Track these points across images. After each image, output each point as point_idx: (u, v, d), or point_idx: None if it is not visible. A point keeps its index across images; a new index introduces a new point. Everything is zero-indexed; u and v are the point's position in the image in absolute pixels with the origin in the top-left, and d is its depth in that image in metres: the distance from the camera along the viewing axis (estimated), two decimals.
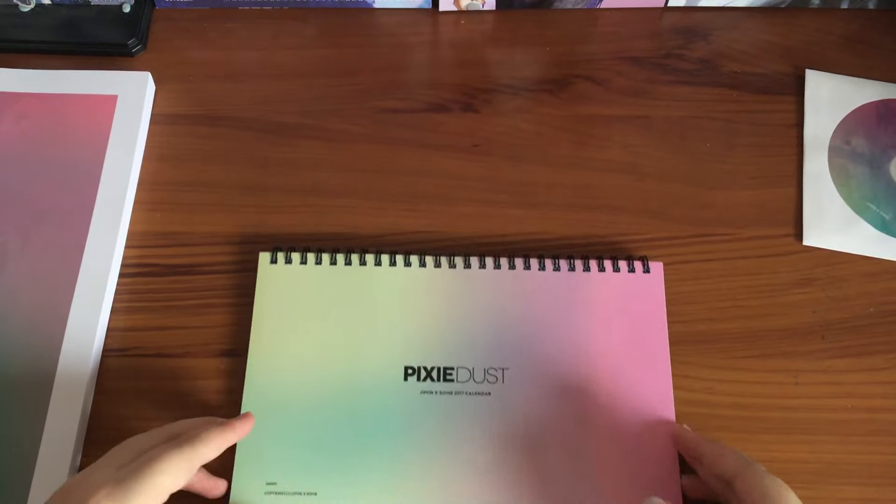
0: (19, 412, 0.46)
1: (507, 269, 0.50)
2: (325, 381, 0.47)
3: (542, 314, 0.49)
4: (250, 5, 0.61)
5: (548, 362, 0.47)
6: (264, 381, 0.47)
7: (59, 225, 0.51)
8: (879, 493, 0.46)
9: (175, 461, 0.38)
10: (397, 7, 0.61)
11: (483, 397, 0.47)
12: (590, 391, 0.47)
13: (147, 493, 0.36)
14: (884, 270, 0.52)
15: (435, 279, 0.49)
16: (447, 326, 0.48)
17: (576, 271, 0.50)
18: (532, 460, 0.45)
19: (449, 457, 0.45)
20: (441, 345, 0.48)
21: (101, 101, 0.55)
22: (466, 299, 0.49)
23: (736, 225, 0.53)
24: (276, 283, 0.49)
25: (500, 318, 0.48)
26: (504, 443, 0.45)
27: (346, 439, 0.45)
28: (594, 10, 0.61)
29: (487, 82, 0.58)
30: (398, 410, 0.46)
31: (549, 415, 0.46)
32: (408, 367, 0.47)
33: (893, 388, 0.48)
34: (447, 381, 0.47)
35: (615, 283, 0.49)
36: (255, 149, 0.55)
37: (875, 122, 0.56)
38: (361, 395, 0.46)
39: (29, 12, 0.59)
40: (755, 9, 0.61)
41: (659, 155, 0.55)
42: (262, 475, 0.45)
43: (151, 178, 0.54)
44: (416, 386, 0.47)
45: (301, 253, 0.50)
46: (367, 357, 0.47)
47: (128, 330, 0.49)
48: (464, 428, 0.46)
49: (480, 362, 0.47)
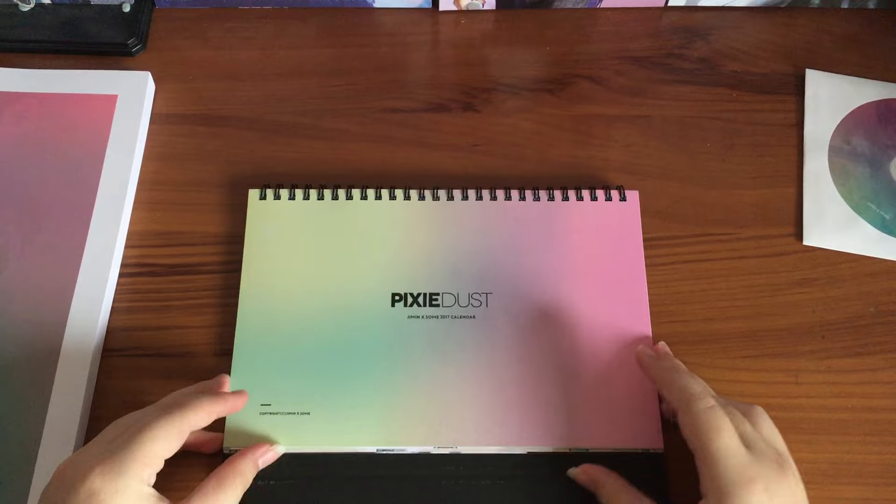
0: (19, 412, 0.46)
1: (488, 201, 0.51)
2: (315, 308, 0.48)
3: (524, 242, 0.50)
4: (250, 5, 0.61)
5: (530, 286, 0.49)
6: (256, 310, 0.48)
7: (59, 225, 0.51)
8: (879, 493, 0.46)
9: (165, 427, 0.38)
10: (397, 7, 0.61)
11: (468, 320, 0.48)
12: (570, 312, 0.48)
13: (140, 461, 0.37)
14: (884, 270, 0.52)
15: (419, 211, 0.51)
16: (432, 255, 0.50)
17: (555, 201, 0.52)
18: (516, 377, 0.47)
19: (436, 375, 0.47)
20: (426, 272, 0.49)
21: (100, 100, 0.55)
22: (450, 229, 0.51)
23: (736, 225, 0.53)
24: (266, 218, 0.51)
25: (483, 246, 0.50)
26: (489, 361, 0.47)
27: (337, 362, 0.47)
28: (594, 10, 0.61)
29: (487, 82, 0.58)
30: (386, 334, 0.48)
31: (532, 335, 0.48)
32: (395, 294, 0.49)
33: (893, 388, 0.48)
34: (433, 305, 0.48)
35: (593, 211, 0.51)
36: (254, 149, 0.55)
37: (875, 122, 0.56)
38: (351, 320, 0.48)
39: (29, 12, 0.59)
40: (755, 9, 0.61)
41: (659, 155, 0.55)
42: (256, 397, 0.46)
43: (151, 178, 0.54)
44: (403, 311, 0.48)
45: (289, 189, 0.51)
46: (355, 285, 0.49)
47: (128, 330, 0.49)
48: (450, 349, 0.47)
49: (465, 288, 0.49)
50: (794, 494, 0.38)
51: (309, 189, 0.52)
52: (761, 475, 0.38)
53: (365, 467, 0.45)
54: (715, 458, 0.38)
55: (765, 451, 0.39)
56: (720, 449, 0.38)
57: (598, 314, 0.48)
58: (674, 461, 0.45)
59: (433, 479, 0.45)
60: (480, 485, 0.45)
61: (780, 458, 0.39)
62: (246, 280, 0.49)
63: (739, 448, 0.39)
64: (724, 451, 0.38)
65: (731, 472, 0.38)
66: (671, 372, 0.44)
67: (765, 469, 0.38)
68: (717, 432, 0.39)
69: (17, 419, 0.46)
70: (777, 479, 0.38)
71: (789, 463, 0.40)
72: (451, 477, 0.45)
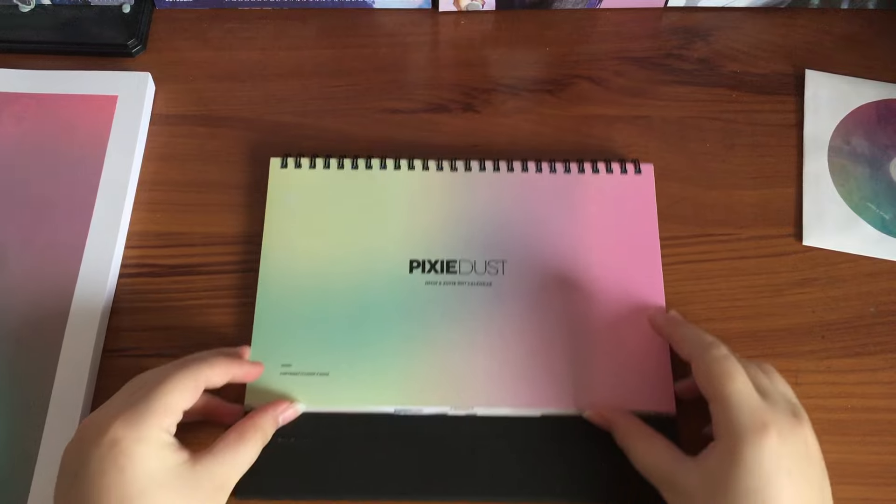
0: (19, 413, 0.46)
1: (505, 172, 0.52)
2: (334, 272, 0.49)
3: (539, 211, 0.51)
4: (250, 5, 0.61)
5: (544, 255, 0.50)
6: (277, 274, 0.49)
7: (59, 225, 0.51)
8: (879, 493, 0.46)
9: (182, 380, 0.40)
10: (397, 7, 0.61)
11: (484, 287, 0.49)
12: (584, 279, 0.49)
13: (159, 412, 0.38)
14: (884, 270, 0.52)
15: (437, 181, 0.52)
16: (449, 224, 0.51)
17: (571, 173, 0.52)
18: (531, 341, 0.48)
19: (453, 339, 0.48)
20: (444, 240, 0.50)
21: (100, 101, 0.55)
22: (467, 199, 0.52)
23: (736, 225, 0.53)
24: (287, 185, 0.52)
25: (499, 216, 0.51)
26: (504, 327, 0.48)
27: (356, 325, 0.48)
28: (594, 10, 0.61)
29: (487, 82, 0.58)
30: (404, 299, 0.49)
31: (547, 301, 0.49)
32: (413, 261, 0.50)
33: (893, 388, 0.48)
34: (450, 272, 0.49)
35: (608, 183, 0.52)
36: (255, 149, 0.55)
37: (875, 123, 0.56)
38: (369, 285, 0.49)
39: (29, 13, 0.59)
40: (755, 9, 0.61)
41: (659, 155, 0.55)
42: (277, 358, 0.47)
43: (151, 178, 0.54)
44: (420, 277, 0.49)
45: (310, 158, 0.53)
46: (374, 251, 0.50)
47: (128, 330, 0.49)
48: (466, 315, 0.48)
49: (481, 255, 0.50)
50: (807, 444, 0.39)
51: (329, 158, 0.52)
52: (775, 422, 0.38)
53: (382, 427, 0.46)
54: (729, 401, 0.39)
55: (778, 401, 0.40)
56: (734, 393, 0.39)
57: (612, 282, 0.49)
58: (686, 426, 0.46)
59: (449, 439, 0.46)
60: (496, 446, 0.45)
61: (794, 408, 0.40)
62: (267, 245, 0.50)
63: (753, 394, 0.39)
64: (738, 396, 0.39)
65: (744, 416, 0.38)
66: (684, 326, 0.45)
67: (779, 416, 0.39)
68: (730, 377, 0.40)
69: (17, 419, 0.46)
70: (791, 427, 0.39)
71: (803, 414, 0.40)
72: (467, 438, 0.46)
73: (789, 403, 0.40)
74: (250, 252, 0.51)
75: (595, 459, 0.45)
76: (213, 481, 0.39)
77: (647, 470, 0.42)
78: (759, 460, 0.37)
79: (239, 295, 0.50)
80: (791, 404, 0.40)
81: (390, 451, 0.45)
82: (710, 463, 0.39)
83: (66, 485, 0.38)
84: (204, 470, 0.38)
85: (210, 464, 0.39)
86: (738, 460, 0.38)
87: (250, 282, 0.50)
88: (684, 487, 0.39)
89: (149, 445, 0.37)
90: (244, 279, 0.50)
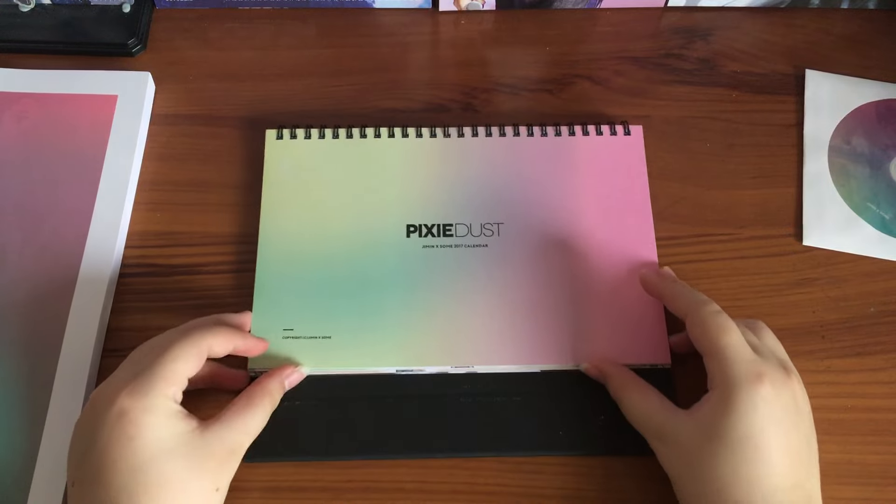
0: (20, 413, 0.46)
1: (497, 137, 0.53)
2: (333, 239, 0.50)
3: (533, 174, 0.52)
4: (250, 5, 0.61)
5: (540, 216, 0.51)
6: (276, 241, 0.50)
7: (59, 225, 0.51)
8: (879, 493, 0.46)
9: (185, 348, 0.40)
10: (397, 7, 0.61)
11: (481, 249, 0.50)
12: (579, 238, 0.50)
13: (164, 379, 0.39)
14: (884, 270, 0.52)
15: (432, 147, 0.53)
16: (445, 188, 0.52)
17: (562, 136, 0.53)
18: (528, 300, 0.48)
19: (451, 300, 0.48)
20: (440, 205, 0.51)
21: (101, 101, 0.55)
22: (462, 164, 0.52)
23: (736, 225, 0.53)
24: (283, 156, 0.53)
25: (494, 179, 0.52)
26: (502, 286, 0.49)
27: (356, 290, 0.49)
28: (594, 10, 0.61)
29: (487, 82, 0.58)
30: (403, 263, 0.49)
31: (543, 261, 0.50)
32: (410, 226, 0.50)
33: (893, 388, 0.48)
34: (447, 236, 0.50)
35: (598, 144, 0.53)
36: (255, 149, 0.55)
37: (875, 122, 0.56)
38: (368, 250, 0.50)
39: (29, 12, 0.59)
40: (755, 9, 0.61)
41: (659, 155, 0.55)
42: (279, 322, 0.48)
43: (151, 178, 0.54)
44: (418, 241, 0.50)
45: (305, 129, 0.53)
46: (371, 217, 0.51)
47: (128, 330, 0.49)
48: (464, 276, 0.49)
49: (477, 218, 0.51)
50: (796, 397, 0.40)
51: (324, 129, 0.53)
52: (767, 374, 0.39)
53: (385, 387, 0.47)
54: (724, 353, 0.40)
55: (769, 356, 0.41)
56: (729, 346, 0.40)
57: (605, 240, 0.50)
58: (681, 378, 0.47)
59: (450, 397, 0.47)
60: (496, 402, 0.47)
61: (784, 363, 0.42)
62: (265, 213, 0.51)
63: (747, 347, 0.41)
64: (733, 348, 0.40)
65: (739, 367, 0.40)
66: (676, 285, 0.46)
67: (771, 369, 0.40)
68: (725, 331, 0.41)
69: (18, 419, 0.46)
70: (783, 380, 0.40)
71: (793, 368, 0.42)
72: (467, 395, 0.47)
73: (779, 358, 0.42)
74: (250, 252, 0.51)
75: (592, 412, 0.46)
76: (224, 447, 0.39)
77: (638, 421, 0.43)
78: (752, 409, 0.38)
79: (239, 295, 0.50)
80: (781, 359, 0.42)
81: (393, 409, 0.46)
82: (703, 413, 0.40)
83: (77, 459, 0.38)
84: (213, 436, 0.39)
85: (220, 430, 0.39)
86: (731, 409, 0.39)
87: (250, 281, 0.49)
88: (675, 437, 0.41)
89: (156, 414, 0.38)
90: (244, 279, 0.50)
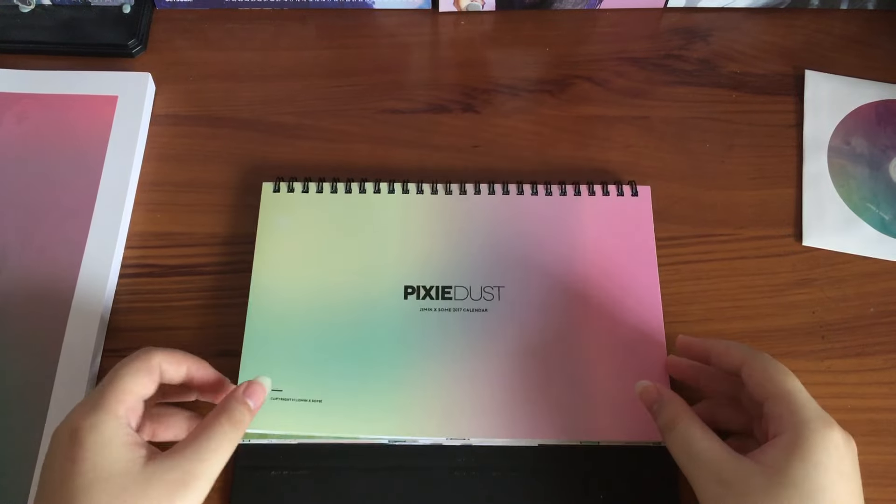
0: (19, 413, 0.46)
1: (500, 195, 0.52)
2: (327, 298, 0.48)
3: (536, 235, 0.50)
4: (250, 6, 0.61)
5: (542, 280, 0.49)
6: (268, 298, 0.48)
7: (59, 225, 0.51)
8: (879, 493, 0.46)
9: (133, 364, 0.39)
10: (397, 7, 0.61)
11: (480, 313, 0.48)
12: (582, 304, 0.48)
13: (114, 397, 0.37)
14: (884, 270, 0.52)
15: (432, 205, 0.51)
16: (444, 248, 0.50)
17: (567, 196, 0.52)
18: (528, 370, 0.47)
19: (448, 367, 0.47)
20: (439, 265, 0.50)
21: (101, 101, 0.55)
22: (462, 223, 0.51)
23: (736, 225, 0.53)
24: (279, 209, 0.51)
25: (495, 239, 0.50)
26: (501, 354, 0.47)
27: (350, 351, 0.47)
28: (594, 11, 0.61)
29: (487, 83, 0.58)
30: (399, 326, 0.48)
31: (544, 328, 0.48)
32: (407, 287, 0.49)
33: (893, 388, 0.48)
34: (445, 298, 0.48)
35: (605, 205, 0.52)
36: (255, 149, 0.55)
37: (874, 123, 0.56)
38: (363, 311, 0.48)
39: (29, 13, 0.59)
40: (755, 9, 0.61)
41: (659, 155, 0.55)
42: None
43: (151, 179, 0.54)
44: (415, 304, 0.48)
45: (303, 182, 0.52)
46: (367, 277, 0.49)
47: (128, 330, 0.49)
48: (462, 341, 0.47)
49: (477, 281, 0.49)
50: (855, 452, 0.39)
51: (322, 182, 0.52)
52: (835, 421, 0.38)
53: (377, 458, 0.45)
54: (793, 397, 0.39)
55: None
56: (797, 389, 0.39)
57: (609, 308, 0.48)
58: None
59: (445, 470, 0.45)
60: (492, 477, 0.45)
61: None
62: (258, 269, 0.49)
63: (809, 394, 0.39)
64: (802, 392, 0.39)
65: (810, 411, 0.38)
66: (720, 340, 0.44)
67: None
68: (790, 375, 0.40)
69: (18, 419, 0.46)
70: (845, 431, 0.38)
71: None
72: (462, 469, 0.45)
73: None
74: (250, 252, 0.51)
75: (593, 488, 0.45)
76: (172, 477, 0.36)
77: (696, 457, 0.39)
78: (826, 455, 0.36)
79: (239, 294, 0.50)
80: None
81: (385, 483, 0.45)
82: (772, 457, 0.37)
83: (40, 478, 0.37)
84: (160, 466, 0.36)
85: (169, 459, 0.36)
86: (807, 452, 0.36)
87: (249, 282, 0.49)
88: (740, 480, 0.37)
89: (102, 434, 0.36)
90: (244, 279, 0.50)
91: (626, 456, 0.45)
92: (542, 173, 0.54)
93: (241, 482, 0.45)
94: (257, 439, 0.45)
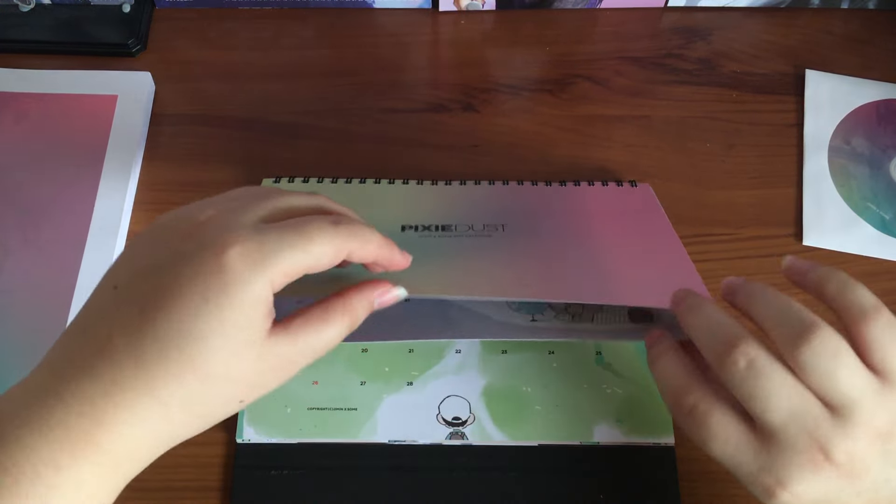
0: None
1: (500, 185, 0.51)
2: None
3: (542, 213, 0.49)
4: (250, 5, 0.61)
5: (549, 220, 0.48)
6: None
7: (59, 225, 0.51)
8: None
9: (330, 235, 0.33)
10: (397, 7, 0.61)
11: (484, 238, 0.46)
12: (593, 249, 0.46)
13: (289, 262, 0.32)
14: (884, 270, 0.52)
15: (432, 194, 0.51)
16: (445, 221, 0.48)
17: (566, 186, 0.52)
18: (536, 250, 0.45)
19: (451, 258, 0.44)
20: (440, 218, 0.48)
21: (101, 101, 0.55)
22: (464, 210, 0.49)
23: (736, 225, 0.53)
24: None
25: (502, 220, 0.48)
26: (507, 267, 0.44)
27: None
28: (594, 10, 0.61)
29: (487, 82, 0.58)
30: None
31: (553, 247, 0.46)
32: (405, 225, 0.47)
33: None
34: (445, 231, 0.46)
35: (608, 193, 0.51)
36: (255, 149, 0.55)
37: (875, 122, 0.56)
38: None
39: (29, 12, 0.59)
40: (755, 9, 0.61)
41: (659, 154, 0.55)
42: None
43: (151, 178, 0.54)
44: (413, 234, 0.46)
45: (303, 179, 0.52)
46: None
47: None
48: (467, 263, 0.44)
49: (479, 222, 0.47)
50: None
51: (322, 179, 0.52)
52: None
53: (377, 458, 0.45)
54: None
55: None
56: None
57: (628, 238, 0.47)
58: (684, 456, 0.45)
59: (445, 470, 0.45)
60: (492, 477, 0.45)
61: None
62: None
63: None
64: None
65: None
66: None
67: None
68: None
69: None
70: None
71: None
72: (462, 469, 0.45)
73: None
74: None
75: (592, 490, 0.44)
76: (277, 360, 0.33)
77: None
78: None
79: None
80: None
81: (386, 482, 0.45)
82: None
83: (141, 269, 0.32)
84: (273, 346, 0.33)
85: (282, 342, 0.33)
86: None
87: None
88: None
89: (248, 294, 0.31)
90: None
91: (627, 456, 0.45)
92: (543, 173, 0.54)
93: (241, 482, 0.45)
94: (259, 438, 0.45)
